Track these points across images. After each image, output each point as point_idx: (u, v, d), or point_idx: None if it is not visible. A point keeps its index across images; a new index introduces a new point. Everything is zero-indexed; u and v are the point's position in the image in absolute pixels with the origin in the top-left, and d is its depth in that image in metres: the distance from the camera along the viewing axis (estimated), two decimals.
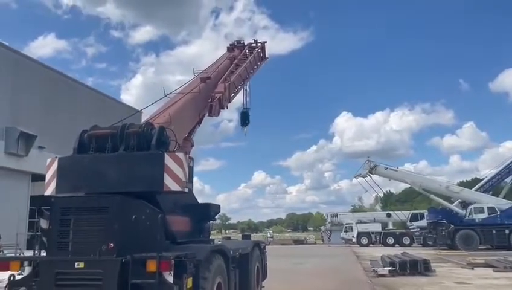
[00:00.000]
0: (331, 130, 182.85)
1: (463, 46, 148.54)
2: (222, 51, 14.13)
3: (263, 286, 9.49)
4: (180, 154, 6.01)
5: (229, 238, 10.03)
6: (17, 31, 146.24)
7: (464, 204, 31.75)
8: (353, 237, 42.03)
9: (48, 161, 6.22)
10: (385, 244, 39.22)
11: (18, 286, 5.41)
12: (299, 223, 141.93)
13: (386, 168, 32.03)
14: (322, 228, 54.32)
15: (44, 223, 5.83)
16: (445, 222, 30.66)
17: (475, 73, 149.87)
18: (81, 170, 6.00)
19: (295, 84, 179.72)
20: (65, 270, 5.15)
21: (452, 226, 29.59)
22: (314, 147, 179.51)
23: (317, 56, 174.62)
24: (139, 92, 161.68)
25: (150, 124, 6.56)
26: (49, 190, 6.03)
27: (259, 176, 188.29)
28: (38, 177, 26.56)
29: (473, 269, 15.96)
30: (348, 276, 14.82)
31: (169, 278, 4.97)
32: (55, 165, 6.08)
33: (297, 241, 52.17)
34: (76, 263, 5.10)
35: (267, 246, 10.61)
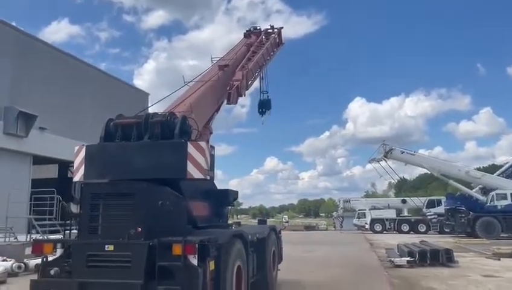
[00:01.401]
0: (345, 115, 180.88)
1: (481, 30, 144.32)
2: (235, 35, 14.10)
3: (279, 269, 9.79)
4: (203, 143, 6.24)
5: (239, 223, 10.01)
6: (31, 16, 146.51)
7: (485, 190, 30.14)
8: (366, 223, 40.71)
9: (76, 148, 6.48)
10: (400, 231, 37.85)
11: (51, 266, 5.66)
12: (311, 209, 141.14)
13: (403, 152, 30.41)
14: (334, 214, 52.88)
15: (74, 208, 6.19)
16: (464, 208, 29.16)
17: (493, 57, 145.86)
18: (108, 157, 6.26)
19: (308, 69, 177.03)
20: (96, 253, 5.43)
21: (472, 213, 28.08)
22: (327, 133, 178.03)
23: (331, 40, 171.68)
24: (152, 78, 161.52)
25: (173, 114, 6.78)
26: (78, 176, 6.30)
27: (271, 162, 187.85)
28: (42, 160, 25.89)
29: (499, 259, 14.65)
30: (362, 266, 13.61)
31: (194, 261, 5.20)
32: (83, 153, 6.31)
33: (309, 228, 51.00)
34: (106, 246, 5.38)
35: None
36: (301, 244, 21.93)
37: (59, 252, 5.82)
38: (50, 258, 5.77)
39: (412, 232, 36.93)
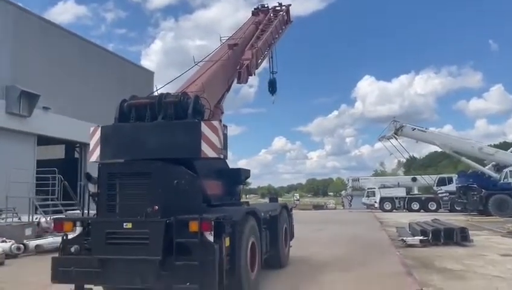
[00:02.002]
0: (353, 94, 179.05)
1: (492, 5, 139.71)
2: (242, 13, 13.81)
3: (291, 246, 10.01)
4: (216, 123, 6.33)
5: (247, 203, 9.77)
6: None
7: (498, 167, 29.40)
8: (375, 202, 40.32)
9: (91, 129, 6.61)
10: (410, 209, 37.36)
11: (71, 244, 5.83)
12: (319, 189, 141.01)
13: (414, 129, 29.59)
14: (343, 193, 52.55)
15: (92, 187, 6.14)
16: (476, 186, 28.49)
17: (505, 33, 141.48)
18: (123, 137, 6.39)
19: (316, 47, 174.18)
20: (114, 230, 5.59)
21: (484, 190, 27.43)
22: (335, 112, 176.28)
23: (340, 17, 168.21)
24: (159, 58, 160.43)
25: (186, 94, 6.81)
26: (94, 157, 6.42)
27: (279, 142, 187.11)
28: (47, 141, 25.61)
29: None
30: (373, 246, 13.17)
31: (210, 237, 5.37)
32: (98, 134, 6.43)
33: (317, 207, 50.73)
34: (124, 224, 5.55)
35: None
36: (310, 223, 21.54)
37: (78, 230, 6.00)
38: (70, 237, 5.98)
39: (422, 211, 36.45)
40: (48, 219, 14.29)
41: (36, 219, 14.29)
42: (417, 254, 10.91)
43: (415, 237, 12.64)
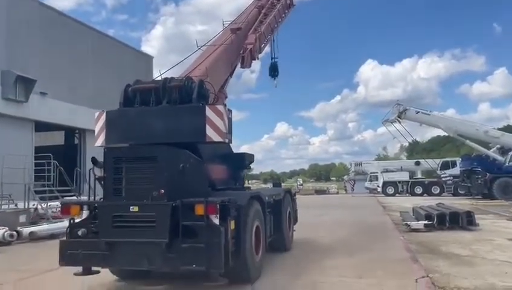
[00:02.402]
0: (356, 79, 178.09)
1: None
2: None
3: (294, 230, 10.05)
4: (220, 107, 6.35)
5: (248, 188, 9.72)
6: None
7: (503, 150, 28.93)
8: (378, 186, 40.05)
9: (96, 114, 6.62)
10: (413, 193, 37.12)
11: (78, 227, 5.89)
12: (322, 174, 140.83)
13: (417, 112, 29.04)
14: (345, 177, 52.25)
15: (98, 171, 6.23)
16: (480, 169, 28.10)
17: (509, 16, 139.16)
18: (128, 122, 6.45)
19: (319, 32, 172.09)
20: (121, 214, 5.66)
21: (489, 174, 27.04)
22: (338, 97, 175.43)
23: (343, 1, 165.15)
24: (160, 44, 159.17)
25: (190, 78, 6.85)
26: (99, 141, 6.50)
27: (282, 127, 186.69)
28: (46, 127, 25.27)
29: None
30: (376, 230, 12.88)
31: (216, 220, 5.42)
32: (103, 118, 6.50)
33: (319, 192, 50.57)
34: (131, 207, 5.62)
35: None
36: (311, 208, 21.25)
37: (85, 214, 6.05)
38: (77, 221, 6.02)
39: (425, 195, 36.20)
40: (44, 205, 14.02)
41: (33, 205, 14.03)
42: (422, 239, 10.59)
43: (419, 222, 12.30)
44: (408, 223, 12.38)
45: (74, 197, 15.00)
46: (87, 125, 26.12)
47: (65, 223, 12.47)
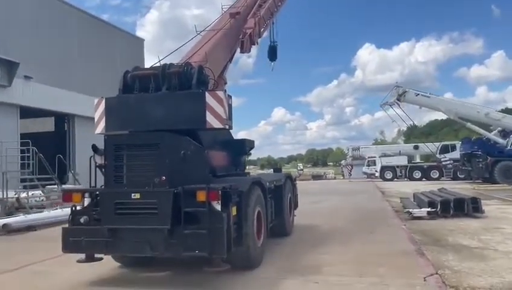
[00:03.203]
0: (353, 63, 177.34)
1: None
2: None
3: (295, 215, 10.16)
4: (220, 93, 6.28)
5: (248, 174, 9.47)
6: None
7: (504, 133, 28.19)
8: (376, 171, 39.39)
9: (96, 101, 6.59)
10: (411, 178, 36.51)
11: (80, 215, 5.89)
12: (319, 159, 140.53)
13: (417, 95, 28.11)
14: (343, 162, 51.56)
15: (98, 159, 6.22)
16: (480, 153, 27.38)
17: None
18: (127, 109, 6.43)
19: (316, 16, 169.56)
20: (123, 201, 5.68)
21: (490, 157, 26.33)
22: (335, 82, 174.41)
23: None
24: (155, 29, 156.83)
25: (189, 64, 6.77)
26: (99, 129, 6.47)
27: (279, 113, 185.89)
28: (33, 113, 24.28)
29: None
30: (376, 219, 12.11)
31: (218, 206, 5.41)
32: (103, 105, 6.47)
33: (316, 177, 49.87)
34: (132, 194, 5.62)
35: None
36: (308, 194, 20.46)
37: (86, 201, 6.02)
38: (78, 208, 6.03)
39: (424, 179, 35.65)
40: (24, 194, 13.22)
41: (15, 194, 13.23)
42: (425, 228, 9.86)
43: (422, 209, 11.55)
44: (410, 210, 11.63)
45: (55, 187, 14.15)
46: (76, 111, 25.23)
47: (44, 214, 11.93)
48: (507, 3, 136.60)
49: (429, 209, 11.39)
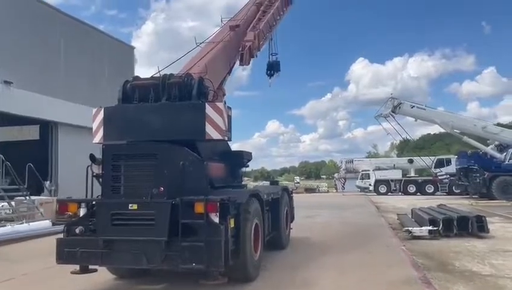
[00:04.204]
0: (347, 77, 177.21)
1: None
2: None
3: (291, 228, 10.04)
4: (220, 104, 6.33)
5: (245, 186, 9.48)
6: None
7: (501, 147, 27.49)
8: (370, 185, 38.53)
9: (94, 110, 6.57)
10: (405, 192, 35.72)
11: (76, 225, 5.88)
12: (312, 172, 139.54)
13: (413, 107, 27.32)
14: (336, 175, 50.57)
15: (96, 169, 6.21)
16: (477, 167, 26.61)
17: (497, 15, 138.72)
18: (126, 119, 6.43)
19: (310, 30, 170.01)
20: (120, 211, 5.64)
21: (487, 173, 25.53)
22: (328, 95, 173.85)
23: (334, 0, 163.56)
24: (151, 40, 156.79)
25: (190, 75, 6.80)
26: (97, 138, 6.49)
27: (273, 125, 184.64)
28: (15, 120, 23.13)
29: None
30: (372, 238, 11.14)
31: (216, 219, 5.40)
32: (101, 115, 6.48)
33: (309, 190, 48.85)
34: (130, 205, 5.59)
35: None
36: (300, 208, 19.38)
37: (82, 211, 6.00)
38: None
39: (418, 194, 34.86)
40: None
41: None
42: (428, 249, 8.91)
43: (423, 228, 10.59)
44: (410, 229, 10.65)
45: (23, 198, 13.03)
46: (60, 118, 24.10)
47: (6, 229, 10.83)
48: (497, 20, 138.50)
49: (430, 228, 10.43)
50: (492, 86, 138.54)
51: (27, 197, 13.01)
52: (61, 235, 5.97)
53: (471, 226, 10.46)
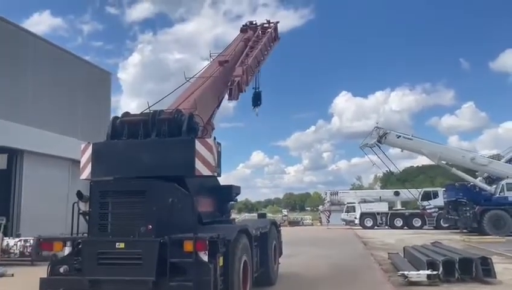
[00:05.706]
0: (330, 110, 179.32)
1: (464, 24, 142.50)
2: (221, 28, 13.95)
3: (279, 262, 9.90)
4: (210, 140, 6.34)
5: (233, 220, 9.47)
6: (12, 7, 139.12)
7: (490, 180, 26.55)
8: (355, 218, 37.04)
9: (82, 146, 6.63)
10: (392, 226, 34.28)
11: (60, 264, 5.78)
12: (297, 203, 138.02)
13: (399, 137, 26.29)
14: (320, 207, 48.93)
15: (82, 206, 6.17)
16: (466, 201, 25.50)
17: (475, 52, 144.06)
18: (115, 155, 6.41)
19: (295, 63, 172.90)
20: (107, 250, 5.50)
21: (478, 206, 24.40)
22: (312, 128, 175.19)
23: (318, 34, 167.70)
24: (137, 71, 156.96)
25: (179, 111, 6.89)
26: (85, 174, 6.48)
27: (257, 156, 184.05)
28: None
29: None
30: (363, 283, 9.65)
31: (205, 257, 5.29)
32: (89, 150, 6.48)
33: (292, 223, 46.98)
34: (117, 244, 5.46)
35: None
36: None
37: (67, 250, 5.91)
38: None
39: (405, 227, 33.50)
40: None
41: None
42: None
43: (421, 272, 9.14)
44: (405, 273, 9.20)
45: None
46: (25, 146, 22.30)
47: None
48: (474, 57, 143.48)
49: (429, 271, 9.00)
50: (472, 120, 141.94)
51: None
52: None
53: (476, 270, 9.08)
